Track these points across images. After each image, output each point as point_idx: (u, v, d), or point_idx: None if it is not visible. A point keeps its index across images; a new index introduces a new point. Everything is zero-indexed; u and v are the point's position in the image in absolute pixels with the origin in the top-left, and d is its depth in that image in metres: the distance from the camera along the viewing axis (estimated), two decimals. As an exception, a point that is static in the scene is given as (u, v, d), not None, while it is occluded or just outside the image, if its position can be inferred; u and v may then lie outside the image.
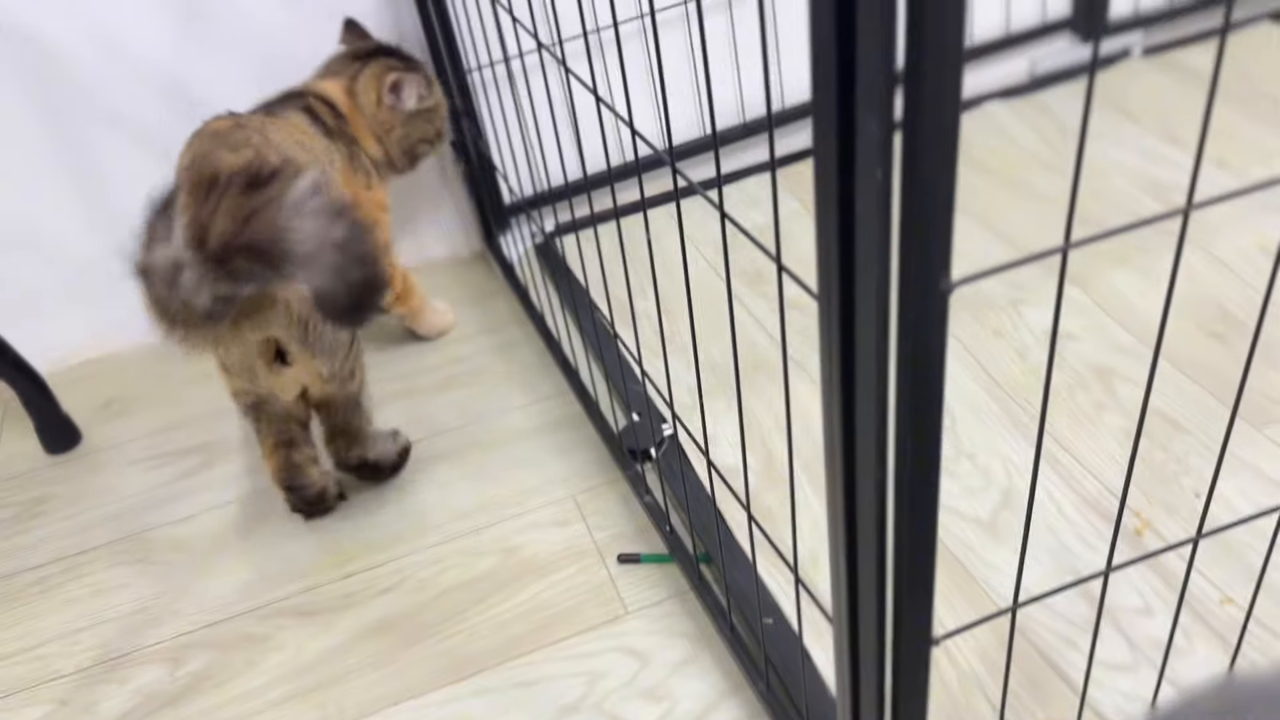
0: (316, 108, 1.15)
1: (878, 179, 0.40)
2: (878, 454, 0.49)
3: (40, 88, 1.22)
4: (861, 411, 0.48)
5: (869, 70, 0.39)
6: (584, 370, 1.18)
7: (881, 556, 0.53)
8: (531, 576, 1.00)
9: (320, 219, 0.80)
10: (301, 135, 1.08)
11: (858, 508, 0.52)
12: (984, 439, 1.04)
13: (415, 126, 1.22)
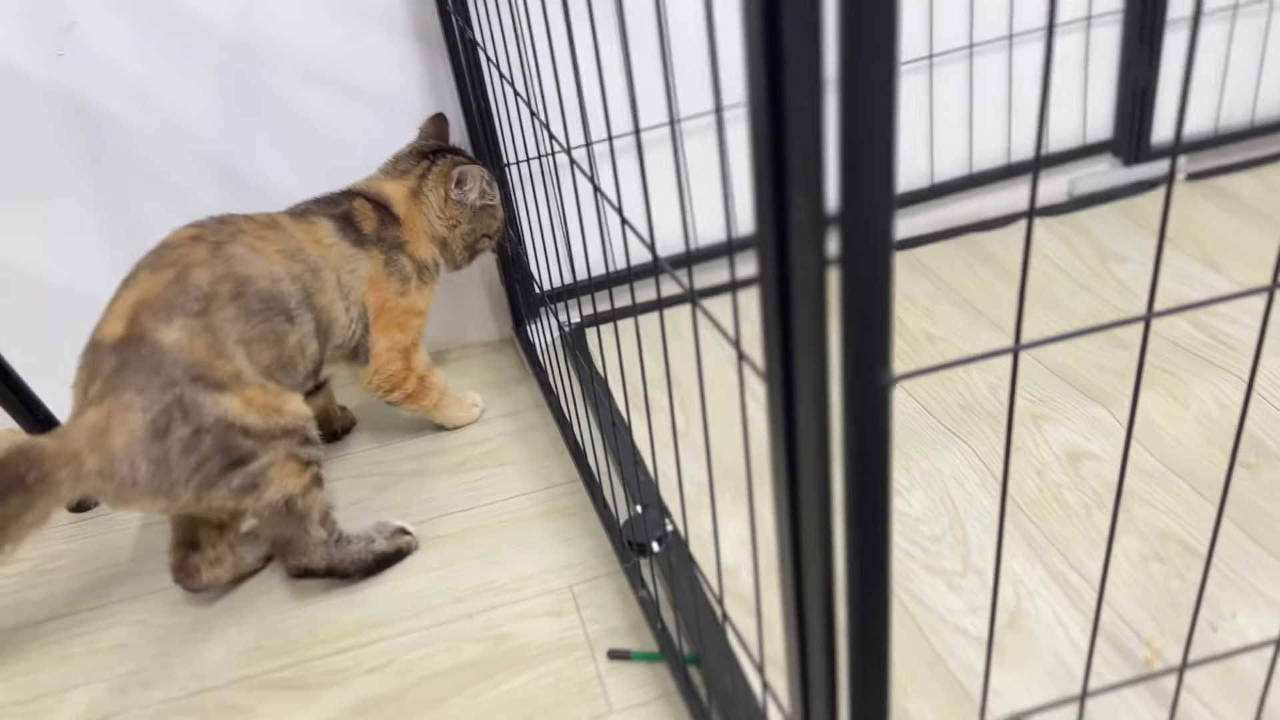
0: (358, 213, 1.19)
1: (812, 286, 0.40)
2: (821, 546, 0.48)
3: (96, 157, 1.28)
4: (805, 503, 0.47)
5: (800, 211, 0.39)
6: (594, 459, 1.18)
7: (831, 655, 0.51)
8: (520, 667, 0.98)
9: None
10: (299, 244, 1.11)
11: (805, 603, 0.50)
12: (994, 556, 1.01)
13: (480, 221, 1.28)
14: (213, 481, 0.98)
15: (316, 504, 1.05)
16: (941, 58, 1.49)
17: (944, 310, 1.40)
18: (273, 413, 1.01)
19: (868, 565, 0.47)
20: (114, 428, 0.93)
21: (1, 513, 0.85)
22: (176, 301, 0.99)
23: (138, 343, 0.96)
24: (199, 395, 0.96)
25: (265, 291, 1.05)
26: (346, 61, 1.30)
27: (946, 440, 1.16)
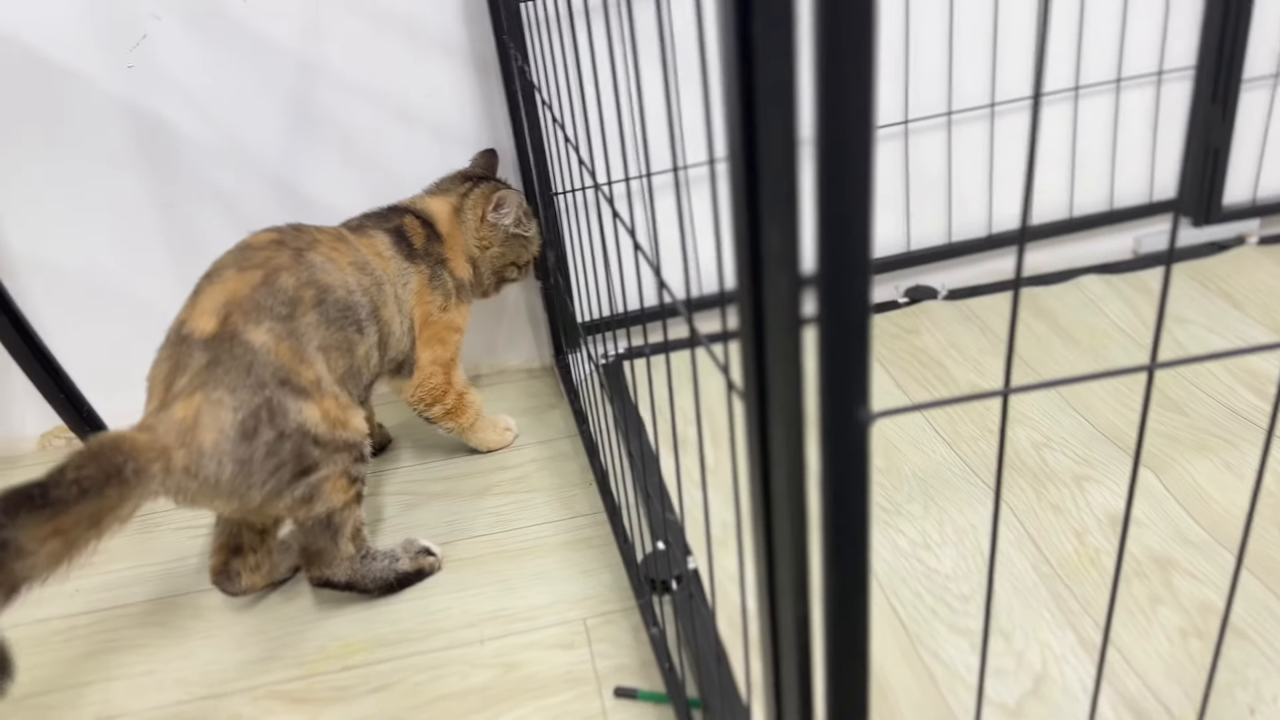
0: (409, 228, 1.23)
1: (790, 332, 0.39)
2: (796, 587, 0.46)
3: (158, 168, 1.32)
4: (779, 539, 0.45)
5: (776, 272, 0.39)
6: (619, 492, 1.17)
7: (806, 705, 0.49)
8: (525, 697, 0.97)
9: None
10: (364, 257, 1.14)
11: (780, 648, 0.49)
12: (1023, 619, 0.97)
13: (510, 249, 1.30)
14: (282, 489, 0.98)
15: (351, 520, 1.06)
16: (1004, 106, 1.47)
17: (993, 364, 1.36)
18: (339, 426, 1.02)
19: (844, 610, 0.45)
20: (204, 424, 0.92)
21: (98, 506, 0.82)
22: (266, 304, 1.00)
23: (230, 341, 0.96)
24: (286, 399, 0.97)
25: (342, 301, 1.07)
26: (405, 86, 1.33)
27: (985, 497, 1.12)
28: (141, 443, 0.89)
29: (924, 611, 0.98)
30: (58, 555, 0.80)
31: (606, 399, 1.36)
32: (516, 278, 1.35)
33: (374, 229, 1.21)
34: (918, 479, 1.16)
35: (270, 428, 0.95)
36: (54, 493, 0.80)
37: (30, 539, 0.78)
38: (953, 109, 1.46)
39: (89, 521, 0.82)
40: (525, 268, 1.35)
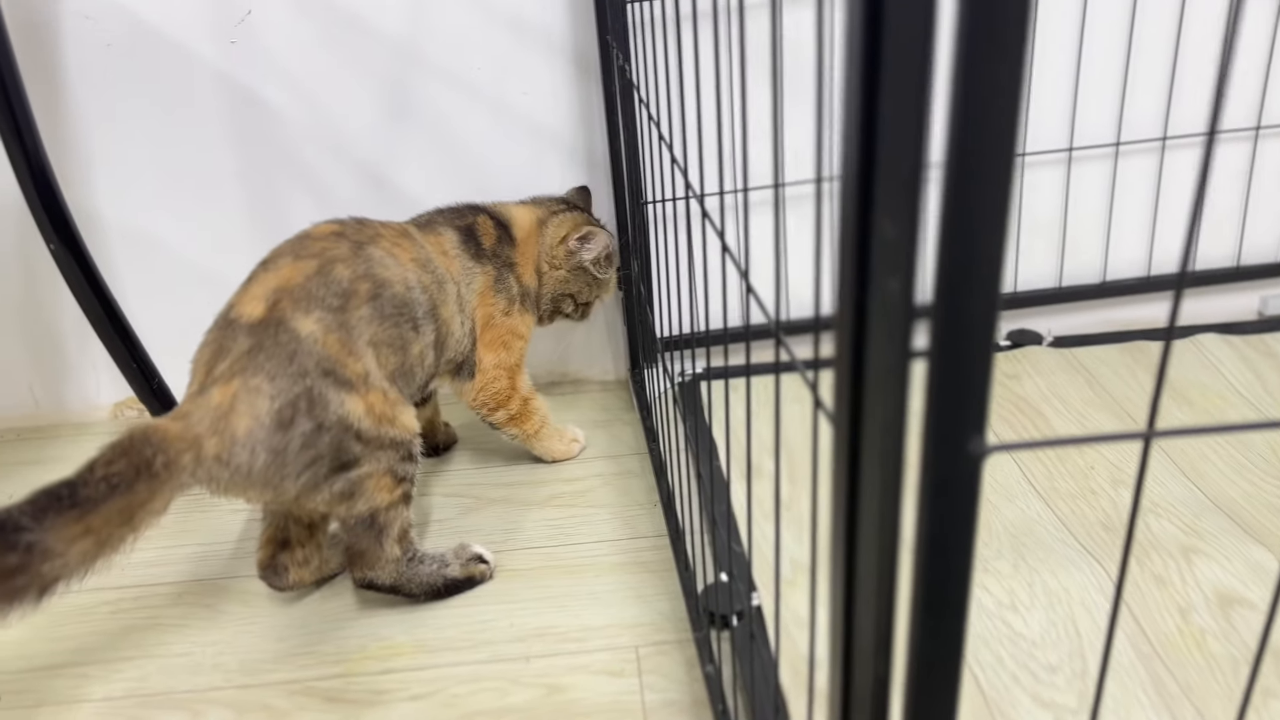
0: (480, 227, 1.20)
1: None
2: (877, 640, 0.39)
3: (250, 145, 1.32)
4: (862, 585, 0.39)
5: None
6: (684, 517, 1.11)
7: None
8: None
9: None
10: (428, 254, 1.11)
11: (851, 714, 0.42)
12: (1117, 698, 0.88)
13: (575, 281, 1.27)
14: (319, 483, 0.95)
15: (398, 521, 1.02)
16: (1130, 147, 1.38)
17: (1098, 417, 1.27)
18: (386, 422, 0.98)
19: (933, 673, 0.39)
20: (239, 410, 0.90)
21: (129, 501, 0.80)
22: (318, 294, 0.97)
23: (275, 327, 0.94)
24: (327, 391, 0.93)
25: (399, 297, 1.03)
26: (503, 82, 1.30)
27: (1080, 560, 1.03)
28: (173, 433, 0.86)
29: (1005, 678, 0.90)
30: (89, 554, 0.78)
31: (680, 418, 1.30)
32: (570, 314, 1.30)
33: (443, 226, 1.18)
34: (1009, 535, 1.08)
35: (308, 418, 0.92)
36: (82, 492, 0.77)
37: (59, 540, 0.76)
38: (1074, 145, 1.37)
39: (120, 518, 0.80)
40: (584, 309, 1.31)
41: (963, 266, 0.29)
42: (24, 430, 1.46)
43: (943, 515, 0.36)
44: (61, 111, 1.27)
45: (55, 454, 1.39)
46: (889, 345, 0.33)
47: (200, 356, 0.96)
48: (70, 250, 1.14)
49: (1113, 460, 1.18)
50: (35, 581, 0.75)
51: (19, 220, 1.32)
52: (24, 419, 1.46)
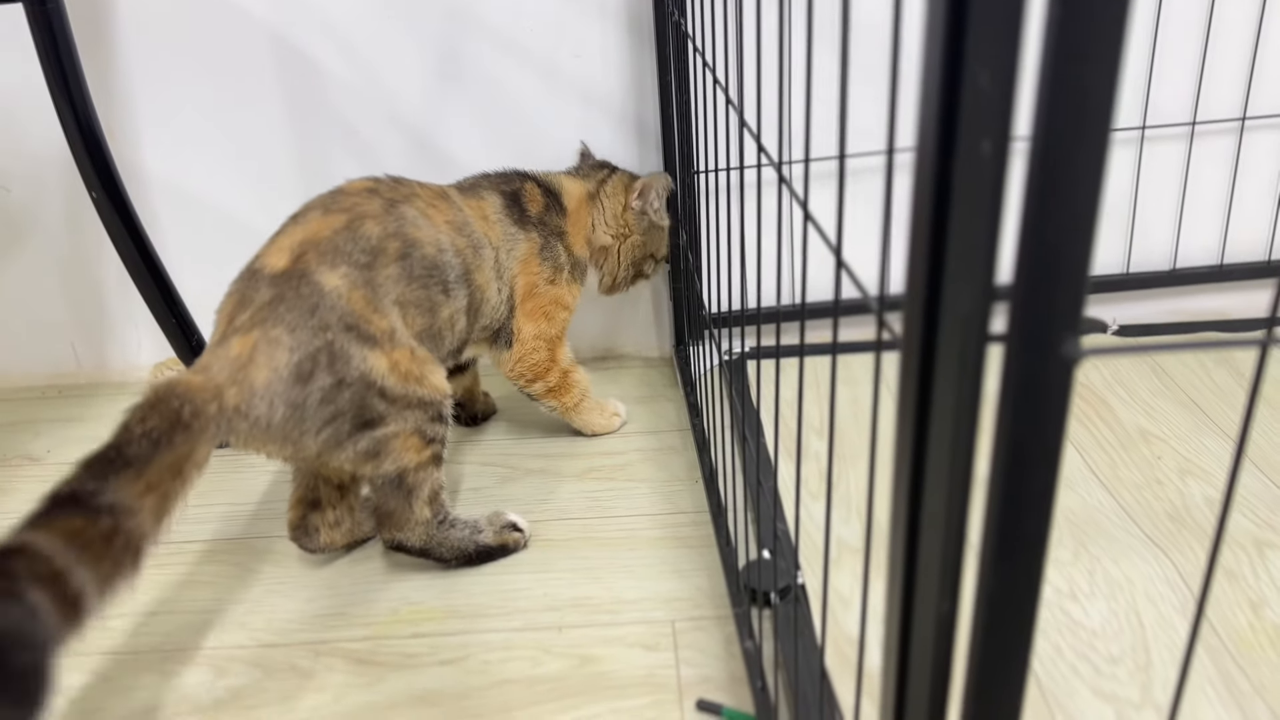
0: (527, 194, 1.17)
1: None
2: (943, 570, 0.35)
3: (298, 101, 1.30)
4: (930, 503, 0.35)
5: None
6: (727, 493, 1.07)
7: None
8: (598, 694, 0.88)
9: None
10: (466, 218, 1.08)
11: (911, 646, 0.38)
12: (1186, 697, 0.82)
13: (651, 239, 1.26)
14: (341, 440, 0.92)
15: (428, 482, 0.99)
16: (1206, 127, 1.31)
17: (1165, 408, 1.21)
18: (414, 381, 0.96)
19: (1005, 616, 0.35)
20: (258, 361, 0.87)
21: (174, 455, 0.78)
22: (345, 249, 0.94)
23: (298, 280, 0.91)
24: (350, 346, 0.91)
25: (430, 259, 1.01)
26: (554, 43, 1.27)
27: (1145, 550, 0.98)
28: (195, 385, 0.84)
29: (1064, 668, 0.85)
30: (158, 510, 0.77)
31: (726, 395, 1.26)
32: (651, 273, 1.31)
33: (487, 190, 1.15)
34: (1069, 523, 1.02)
35: (328, 373, 0.89)
36: (129, 450, 0.76)
37: (129, 497, 0.74)
38: (1147, 124, 1.31)
39: (171, 472, 0.78)
40: (661, 263, 1.30)
41: (1071, 110, 0.25)
42: (65, 388, 1.46)
43: (1028, 429, 0.32)
44: (112, 66, 1.27)
45: (96, 411, 1.39)
46: (974, 220, 0.29)
47: (223, 307, 0.94)
48: (112, 199, 1.13)
49: (1180, 451, 1.12)
50: (130, 542, 0.74)
51: (67, 182, 1.31)
52: (66, 376, 1.46)
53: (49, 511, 0.71)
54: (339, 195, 1.01)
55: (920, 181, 0.30)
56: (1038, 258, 0.29)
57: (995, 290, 0.32)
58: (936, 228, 0.30)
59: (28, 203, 1.35)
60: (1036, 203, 0.28)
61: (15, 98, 1.28)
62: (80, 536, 0.71)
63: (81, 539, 0.71)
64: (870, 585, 0.94)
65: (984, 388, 0.34)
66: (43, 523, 0.70)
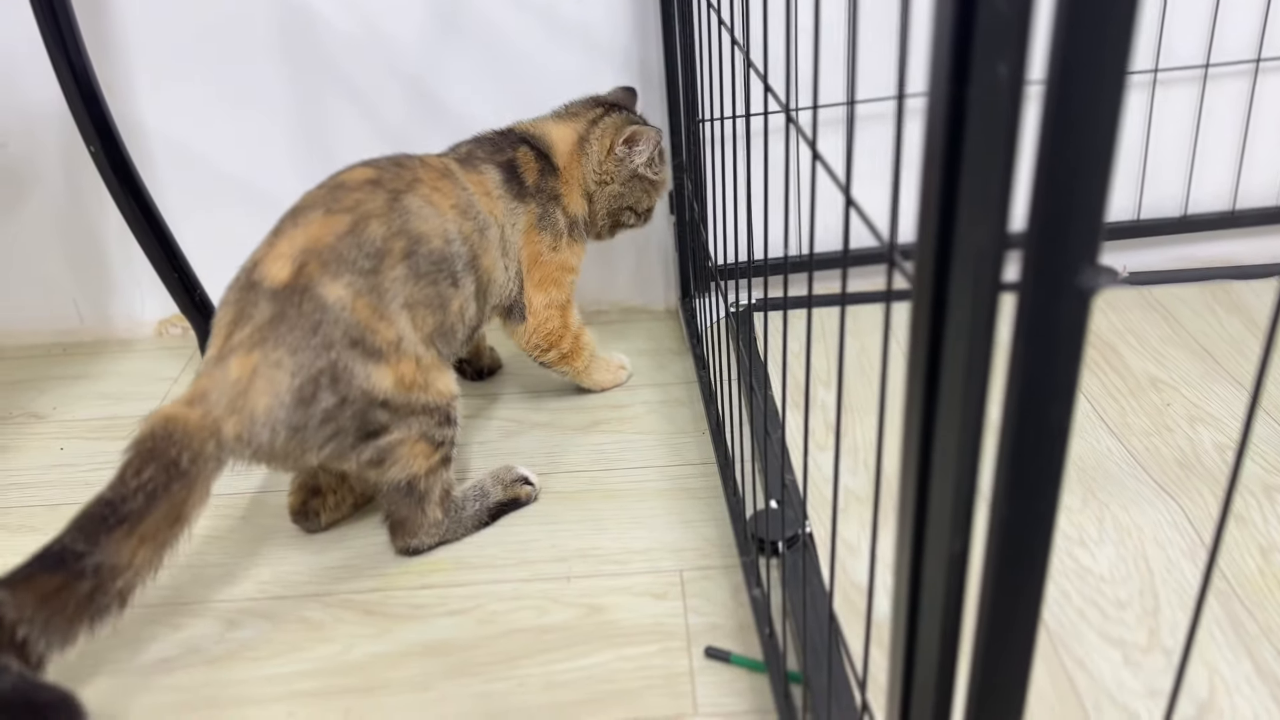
0: (522, 162, 1.12)
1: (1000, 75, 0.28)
2: (955, 503, 0.35)
3: (297, 57, 1.28)
4: (942, 440, 0.35)
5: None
6: (734, 444, 1.06)
7: (947, 663, 0.39)
8: (606, 642, 0.88)
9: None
10: (470, 198, 1.05)
11: (923, 586, 0.38)
12: (1191, 638, 0.82)
13: (631, 191, 1.19)
14: (344, 452, 0.91)
15: (439, 484, 0.98)
16: (1220, 69, 1.29)
17: (1175, 355, 1.20)
18: (418, 389, 0.93)
19: (1019, 553, 0.34)
20: (258, 387, 0.85)
21: (170, 503, 0.80)
22: (348, 256, 0.91)
23: (300, 295, 0.88)
24: (353, 364, 0.88)
25: (437, 252, 0.97)
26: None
27: (1153, 496, 0.97)
28: (193, 423, 0.83)
29: (1071, 613, 0.85)
30: (151, 558, 0.80)
31: (733, 347, 1.25)
32: (634, 224, 1.24)
33: (485, 162, 1.10)
34: (1077, 469, 1.02)
35: (331, 393, 0.87)
36: (124, 507, 0.78)
37: (119, 555, 0.77)
38: (1159, 66, 1.29)
39: (167, 520, 0.80)
40: (645, 215, 1.23)
41: (1091, 30, 0.24)
42: (69, 345, 1.46)
43: (1042, 362, 0.31)
44: (108, 19, 1.25)
45: (100, 369, 1.39)
46: (989, 145, 0.28)
47: (221, 318, 0.91)
48: (110, 154, 1.12)
49: (1190, 398, 1.12)
50: (114, 597, 0.77)
51: (64, 137, 1.30)
52: (69, 334, 1.46)
53: (30, 568, 0.75)
54: (340, 191, 0.96)
55: (934, 106, 0.29)
56: (1055, 185, 0.28)
57: (1010, 218, 0.31)
58: (951, 153, 0.29)
59: (26, 159, 1.34)
60: (1053, 129, 0.27)
61: (11, 53, 1.26)
62: (56, 598, 0.75)
63: (56, 600, 0.75)
64: (879, 533, 0.94)
65: (998, 324, 0.33)
66: (18, 582, 0.74)
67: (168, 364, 1.39)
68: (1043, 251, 0.29)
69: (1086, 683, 0.78)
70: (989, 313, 0.31)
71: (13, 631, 0.73)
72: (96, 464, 1.17)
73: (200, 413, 0.84)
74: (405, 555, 1.00)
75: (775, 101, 0.69)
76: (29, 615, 0.73)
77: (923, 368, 0.35)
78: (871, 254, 1.32)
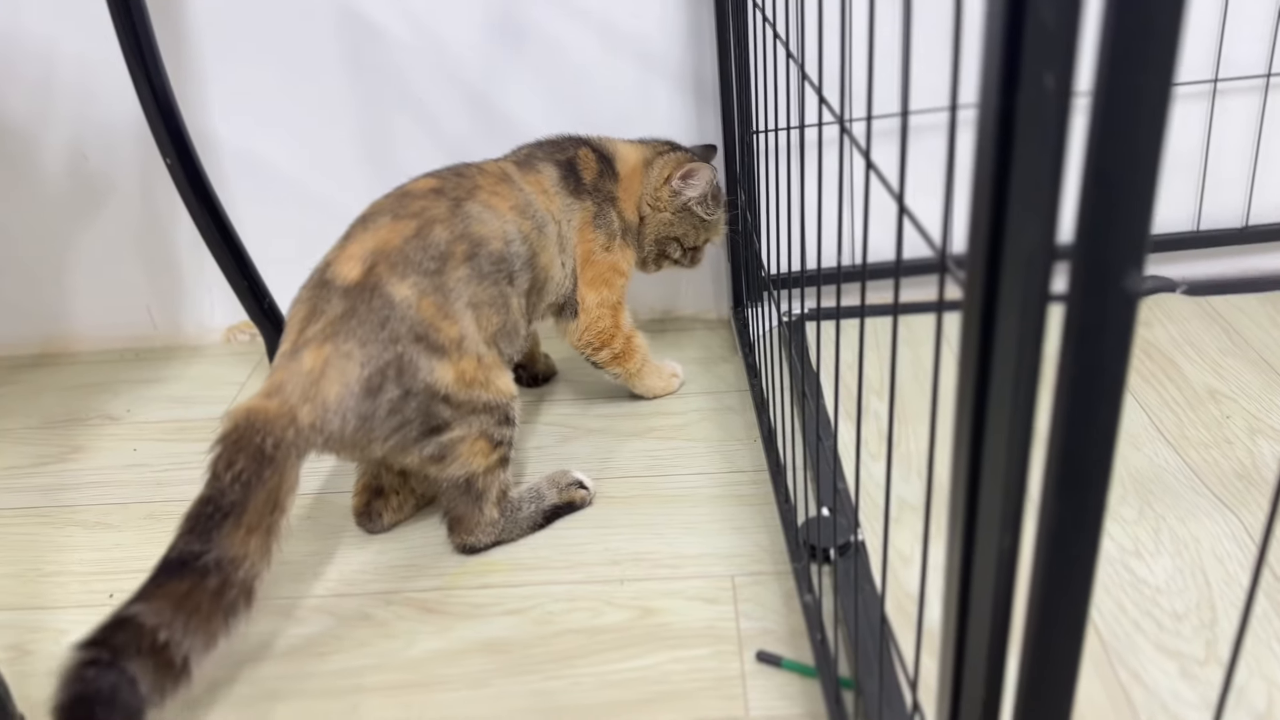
0: (581, 160, 1.16)
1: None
2: (1005, 500, 0.36)
3: (362, 67, 1.32)
4: (992, 442, 0.36)
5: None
6: (786, 452, 1.07)
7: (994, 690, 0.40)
8: (659, 644, 0.89)
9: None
10: (528, 198, 1.08)
11: (973, 583, 0.39)
12: (1249, 649, 0.81)
13: (681, 223, 1.23)
14: (408, 445, 0.95)
15: (496, 484, 1.01)
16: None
17: (1235, 366, 1.18)
18: (479, 386, 0.97)
19: (1067, 550, 0.35)
20: (329, 376, 0.90)
21: (266, 490, 0.84)
22: (414, 258, 0.96)
23: (370, 292, 0.93)
24: (418, 358, 0.93)
25: (497, 253, 1.02)
26: (611, 3, 1.27)
27: (1212, 509, 0.97)
28: (271, 412, 0.87)
29: (1127, 625, 0.85)
30: (264, 546, 0.84)
31: (785, 356, 1.26)
32: (679, 261, 1.26)
33: (543, 162, 1.14)
34: (1135, 481, 1.01)
35: (396, 385, 0.92)
36: (224, 500, 0.82)
37: (232, 547, 0.81)
38: (1220, 76, 1.27)
39: (268, 507, 0.84)
40: (691, 255, 1.27)
41: (1136, 39, 0.26)
42: (141, 350, 1.51)
43: (1091, 363, 0.32)
44: (184, 37, 1.30)
45: (171, 373, 1.44)
46: (1037, 153, 0.29)
47: (295, 314, 0.96)
48: (185, 166, 1.17)
49: (1250, 410, 1.10)
50: (240, 590, 0.82)
51: (142, 150, 1.35)
52: (142, 339, 1.51)
53: (158, 578, 0.79)
54: (405, 199, 1.02)
55: (984, 115, 0.31)
56: (1101, 191, 0.29)
57: (1058, 223, 0.32)
58: (1001, 160, 0.30)
59: (106, 171, 1.39)
60: (1099, 137, 0.29)
61: (93, 69, 1.32)
62: (189, 599, 0.78)
63: (190, 602, 0.78)
64: (931, 540, 0.94)
65: (1048, 327, 0.34)
66: (151, 592, 0.78)
67: (236, 369, 1.43)
68: (1090, 256, 0.31)
69: (1142, 695, 0.78)
70: (1038, 315, 0.32)
71: (154, 636, 0.76)
72: (167, 465, 1.22)
73: (278, 402, 0.88)
74: (462, 552, 1.03)
75: (830, 113, 0.70)
76: (168, 620, 0.77)
77: (974, 366, 0.37)
78: (925, 264, 1.33)
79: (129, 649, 0.75)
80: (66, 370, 1.47)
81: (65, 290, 1.48)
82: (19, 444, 1.29)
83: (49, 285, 1.48)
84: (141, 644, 0.75)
